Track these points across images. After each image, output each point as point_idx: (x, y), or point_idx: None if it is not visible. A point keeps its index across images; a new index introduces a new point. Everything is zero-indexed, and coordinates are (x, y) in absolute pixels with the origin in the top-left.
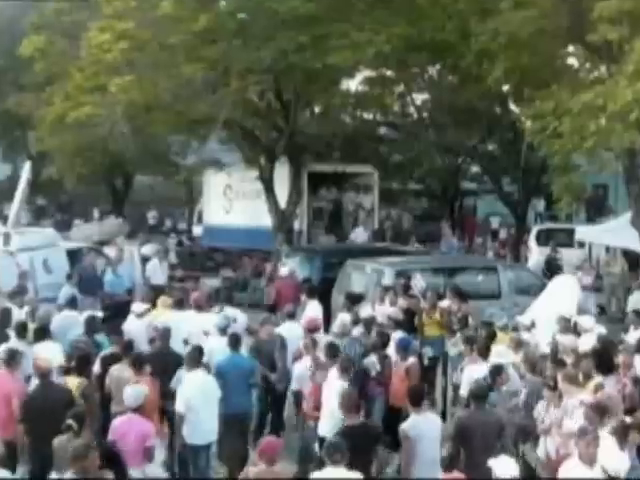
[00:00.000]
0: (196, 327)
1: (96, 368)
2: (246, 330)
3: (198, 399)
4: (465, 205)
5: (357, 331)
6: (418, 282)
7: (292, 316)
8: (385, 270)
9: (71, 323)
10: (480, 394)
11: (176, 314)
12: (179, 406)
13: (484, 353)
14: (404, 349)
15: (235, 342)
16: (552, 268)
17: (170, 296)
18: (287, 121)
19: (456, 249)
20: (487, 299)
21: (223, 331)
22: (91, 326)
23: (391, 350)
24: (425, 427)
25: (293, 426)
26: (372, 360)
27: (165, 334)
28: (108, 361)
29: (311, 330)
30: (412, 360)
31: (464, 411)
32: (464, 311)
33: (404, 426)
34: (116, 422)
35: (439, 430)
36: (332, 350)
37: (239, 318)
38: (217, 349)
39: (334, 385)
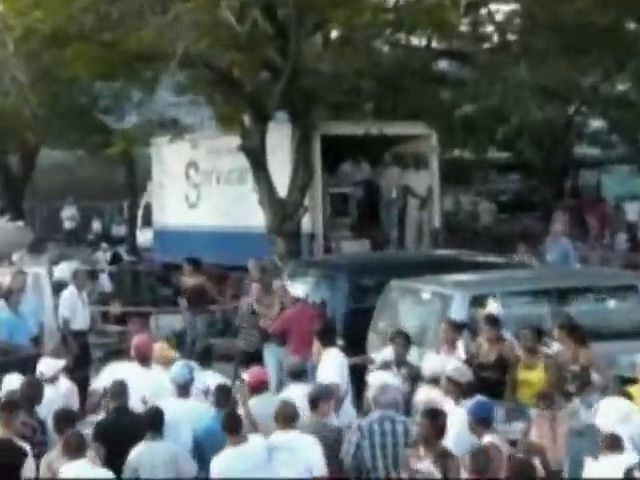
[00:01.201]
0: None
1: None
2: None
3: None
4: (582, 184)
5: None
6: (493, 309)
7: (299, 376)
8: (454, 295)
9: None
10: None
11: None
12: None
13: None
14: (483, 421)
15: (224, 398)
16: None
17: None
18: (285, 55)
19: (572, 256)
20: (623, 339)
21: (184, 389)
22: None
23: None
24: None
25: None
26: (428, 468)
27: (118, 390)
28: None
29: (254, 389)
30: (489, 439)
31: None
32: (584, 360)
33: None
34: None
35: None
36: None
37: (211, 381)
38: (175, 418)
39: None
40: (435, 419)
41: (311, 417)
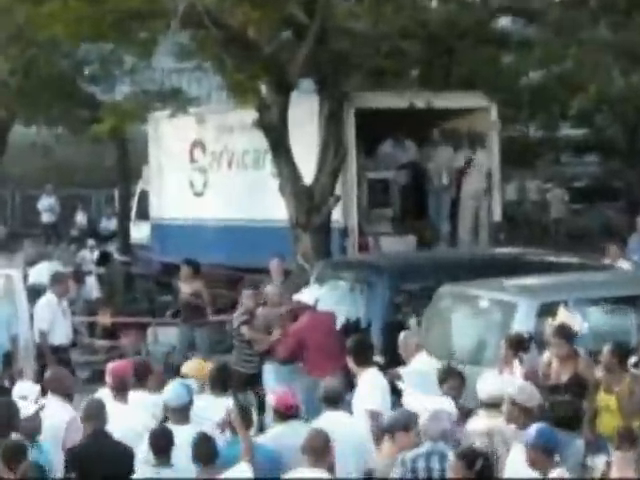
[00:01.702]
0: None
1: None
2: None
3: None
4: None
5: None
6: (575, 322)
7: (335, 402)
8: (519, 303)
9: None
10: None
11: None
12: None
13: None
14: (547, 451)
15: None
16: None
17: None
18: (311, 11)
19: None
20: None
21: (180, 413)
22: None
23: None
24: None
25: None
26: None
27: (94, 412)
28: None
29: (281, 415)
30: (557, 474)
31: None
32: None
33: None
34: None
35: None
36: None
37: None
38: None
39: None
40: (472, 463)
41: (388, 450)
